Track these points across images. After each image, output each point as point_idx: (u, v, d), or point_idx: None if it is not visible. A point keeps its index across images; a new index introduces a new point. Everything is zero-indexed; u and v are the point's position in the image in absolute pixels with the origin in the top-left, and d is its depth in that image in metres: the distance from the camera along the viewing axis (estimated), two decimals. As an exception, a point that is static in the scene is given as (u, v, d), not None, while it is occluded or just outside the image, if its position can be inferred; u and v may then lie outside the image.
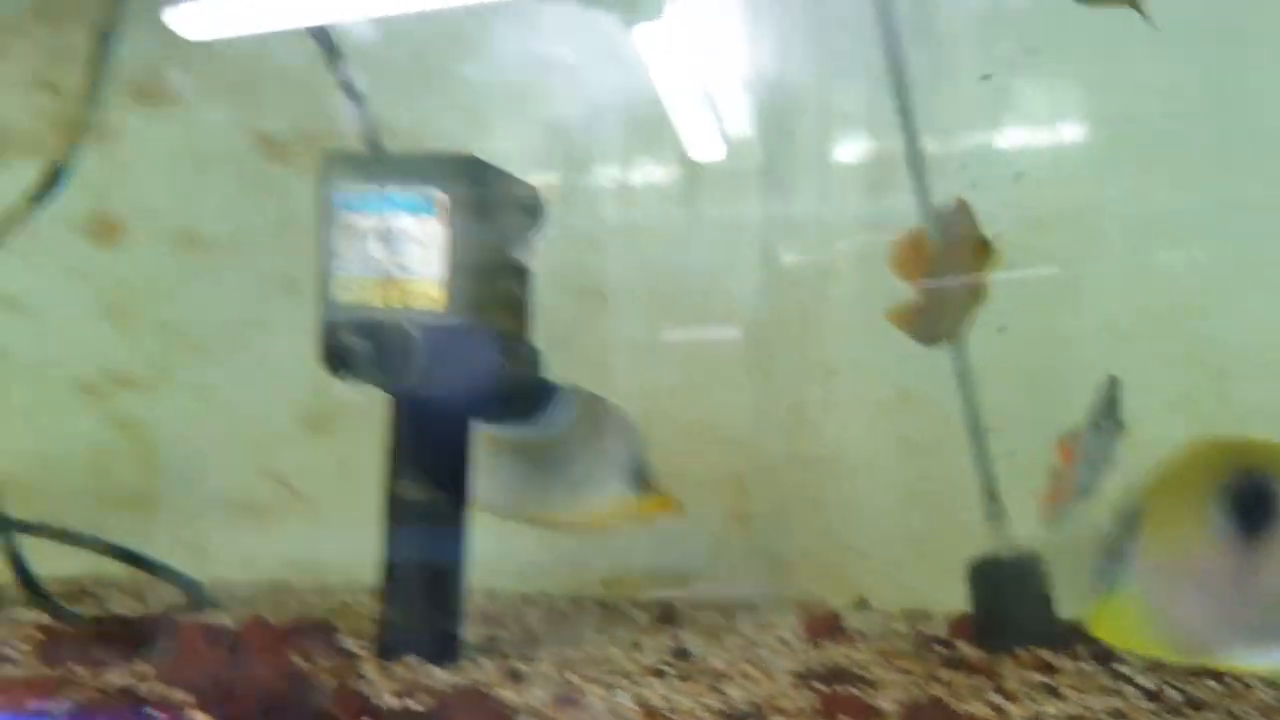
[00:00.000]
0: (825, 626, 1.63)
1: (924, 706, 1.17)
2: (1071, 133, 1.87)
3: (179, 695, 1.14)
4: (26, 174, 1.56)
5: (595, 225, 2.02)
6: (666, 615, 1.76)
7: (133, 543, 1.76)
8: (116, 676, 1.22)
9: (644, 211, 2.01)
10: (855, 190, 1.93)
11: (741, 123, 1.99)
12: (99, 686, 1.17)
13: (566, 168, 2.01)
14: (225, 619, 1.55)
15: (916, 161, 1.60)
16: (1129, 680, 1.32)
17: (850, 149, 1.96)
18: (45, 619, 1.51)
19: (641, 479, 1.55)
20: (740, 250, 1.96)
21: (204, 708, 1.05)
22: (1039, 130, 1.87)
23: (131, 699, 1.09)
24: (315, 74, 1.64)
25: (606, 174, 2.02)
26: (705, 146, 1.98)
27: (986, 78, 1.66)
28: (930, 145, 1.63)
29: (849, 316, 1.89)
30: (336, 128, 1.63)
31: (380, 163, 1.32)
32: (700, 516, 1.94)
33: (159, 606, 1.69)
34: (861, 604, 1.90)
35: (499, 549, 1.49)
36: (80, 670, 1.24)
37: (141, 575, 1.79)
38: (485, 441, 1.46)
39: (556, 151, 2.00)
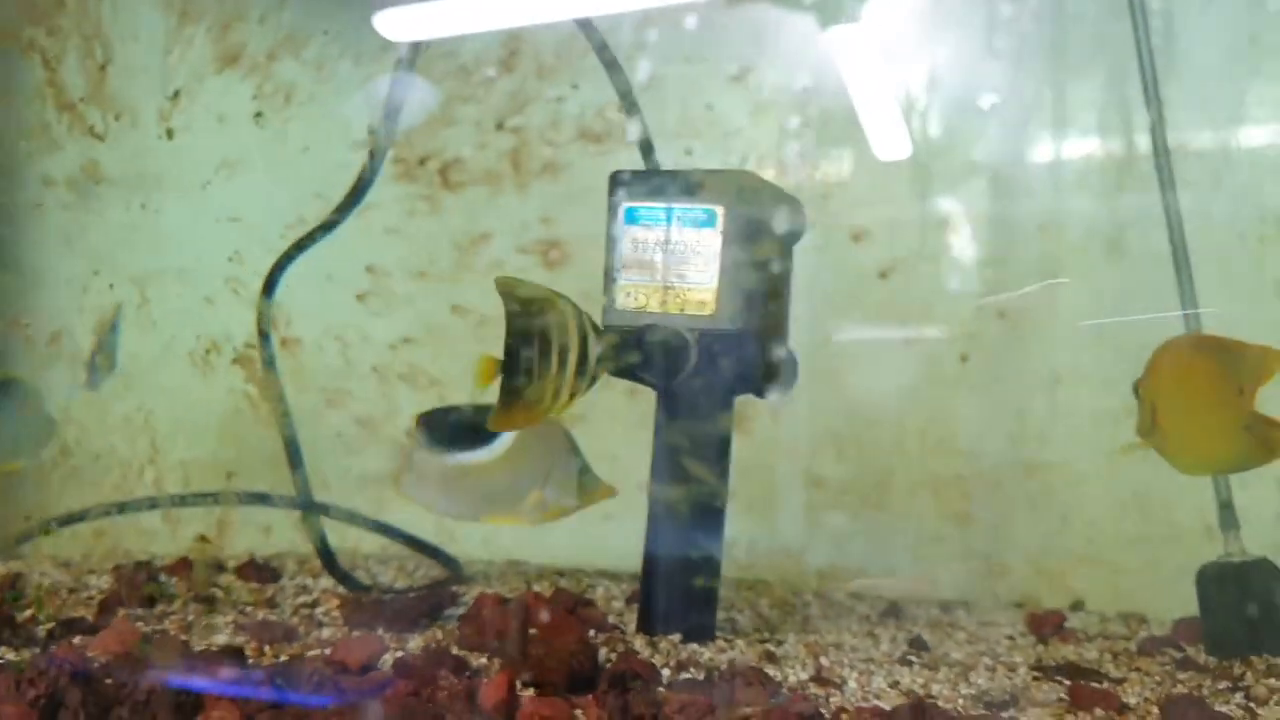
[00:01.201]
0: (1050, 624, 1.68)
1: (1179, 701, 1.21)
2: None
3: (482, 660, 1.27)
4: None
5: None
6: (891, 609, 1.83)
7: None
8: (420, 641, 1.35)
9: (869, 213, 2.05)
10: (1079, 190, 1.96)
11: (954, 121, 2.03)
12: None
13: (767, 167, 2.07)
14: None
15: (1162, 160, 1.62)
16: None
17: (1074, 147, 1.98)
18: (331, 586, 1.67)
19: (578, 484, 1.63)
20: (961, 253, 2.00)
21: (513, 671, 1.16)
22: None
23: (448, 660, 1.21)
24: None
25: (814, 174, 2.07)
26: (903, 146, 2.02)
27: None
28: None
29: (1074, 323, 1.92)
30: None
31: (665, 179, 1.42)
32: (920, 517, 2.02)
33: (425, 580, 1.83)
34: (1077, 606, 1.93)
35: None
36: (384, 635, 1.38)
37: (397, 550, 1.95)
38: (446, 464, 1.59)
39: (755, 151, 2.07)
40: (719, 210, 1.37)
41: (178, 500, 1.94)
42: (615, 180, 1.42)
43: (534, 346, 1.34)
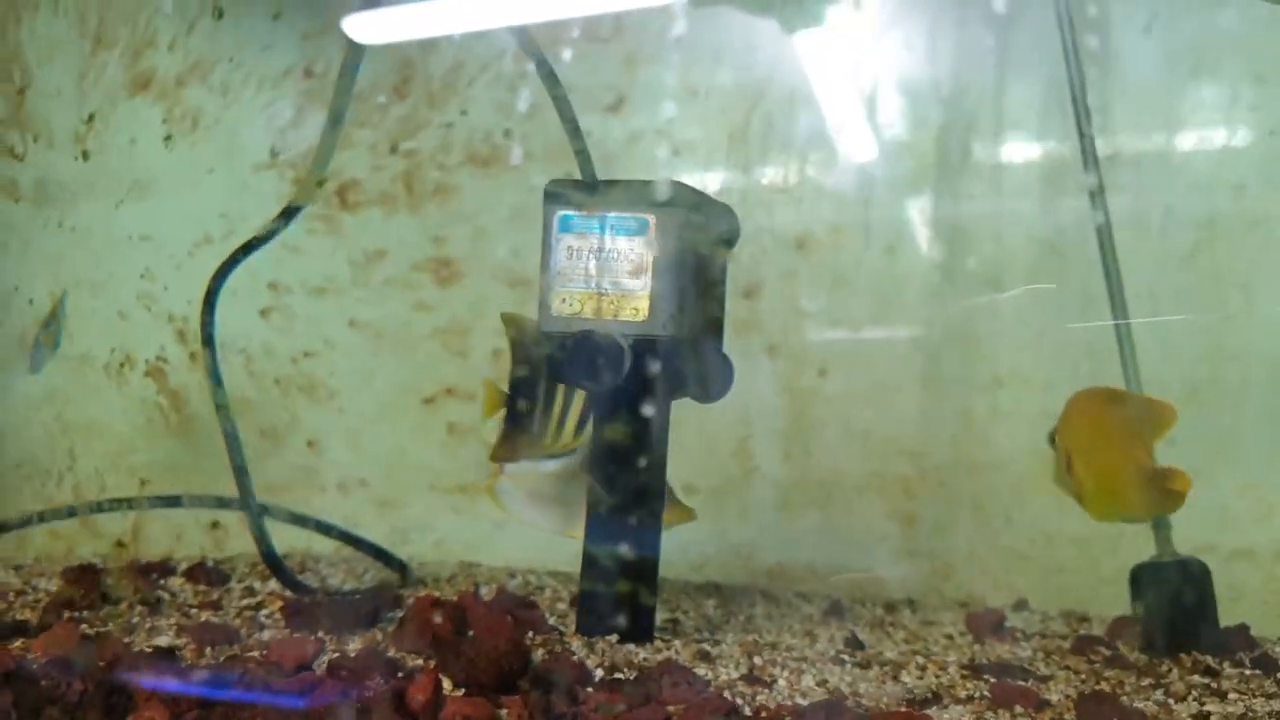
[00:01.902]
0: (989, 624, 1.72)
1: (1092, 699, 1.25)
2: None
3: (417, 661, 1.29)
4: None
5: (762, 229, 2.11)
6: (834, 608, 1.86)
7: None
8: (359, 643, 1.38)
9: (813, 215, 2.09)
10: (1026, 195, 2.00)
11: (909, 126, 2.06)
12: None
13: (736, 170, 2.11)
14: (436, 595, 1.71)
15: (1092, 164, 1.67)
16: (1293, 685, 1.39)
17: (1021, 151, 2.02)
18: (278, 589, 1.69)
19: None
20: (909, 257, 2.04)
21: (445, 672, 1.19)
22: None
23: (381, 663, 1.23)
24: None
25: (774, 176, 2.11)
26: (870, 150, 2.06)
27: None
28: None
29: (1017, 327, 1.96)
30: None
31: (598, 190, 1.45)
32: (866, 516, 2.05)
33: (372, 582, 1.86)
34: (1020, 604, 1.97)
35: (671, 541, 1.60)
36: (324, 637, 1.41)
37: (346, 552, 1.98)
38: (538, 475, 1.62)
39: (724, 155, 2.11)
40: (651, 219, 1.40)
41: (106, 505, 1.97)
42: (550, 190, 1.45)
43: (538, 380, 1.37)
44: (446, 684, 1.17)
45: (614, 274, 1.41)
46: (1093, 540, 1.92)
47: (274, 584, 1.72)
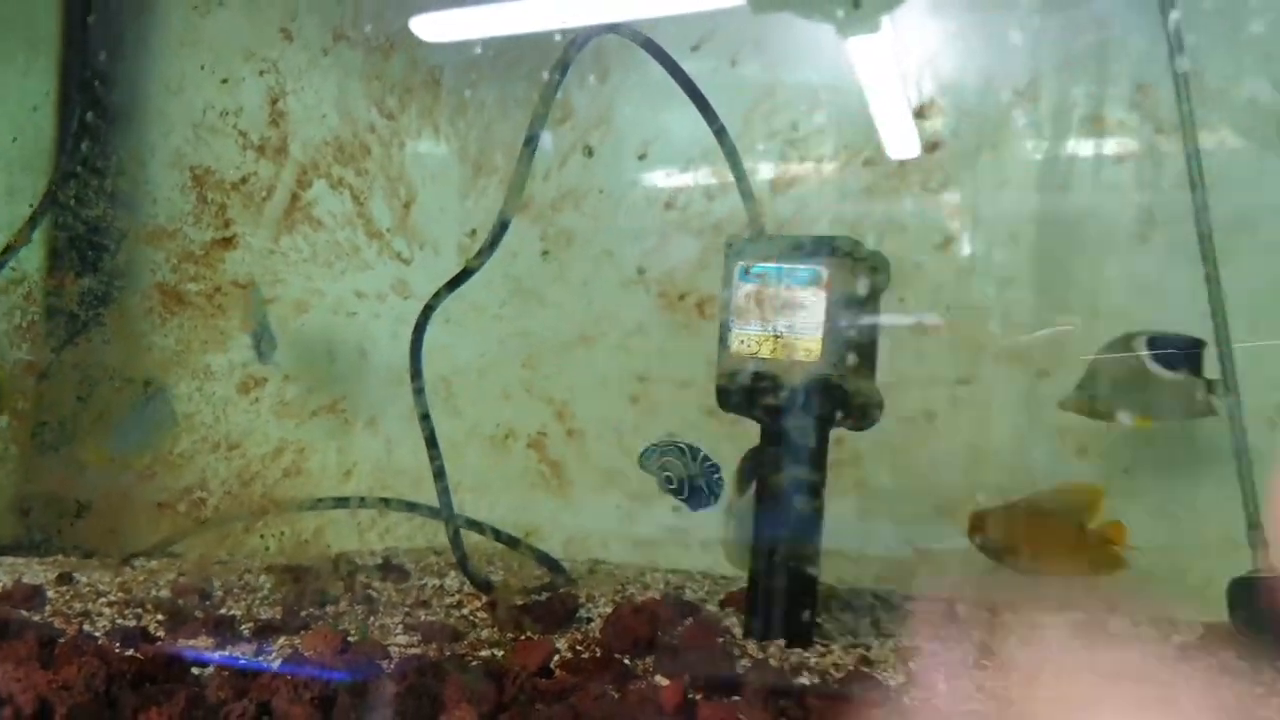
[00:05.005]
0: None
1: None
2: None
3: (626, 661, 1.47)
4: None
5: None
6: (950, 613, 2.01)
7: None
8: (564, 641, 1.55)
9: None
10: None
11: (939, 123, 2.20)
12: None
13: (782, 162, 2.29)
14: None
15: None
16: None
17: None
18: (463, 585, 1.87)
19: None
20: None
21: (661, 672, 1.36)
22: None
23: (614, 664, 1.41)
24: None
25: (817, 170, 2.28)
26: (908, 145, 2.20)
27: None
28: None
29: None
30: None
31: (776, 243, 1.63)
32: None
33: (532, 580, 2.03)
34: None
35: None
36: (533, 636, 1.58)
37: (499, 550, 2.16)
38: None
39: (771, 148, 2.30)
40: (824, 271, 1.58)
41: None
42: (731, 244, 1.63)
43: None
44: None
45: (789, 319, 1.59)
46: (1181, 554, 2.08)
47: (451, 580, 1.90)
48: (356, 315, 2.60)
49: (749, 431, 1.72)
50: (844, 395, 1.63)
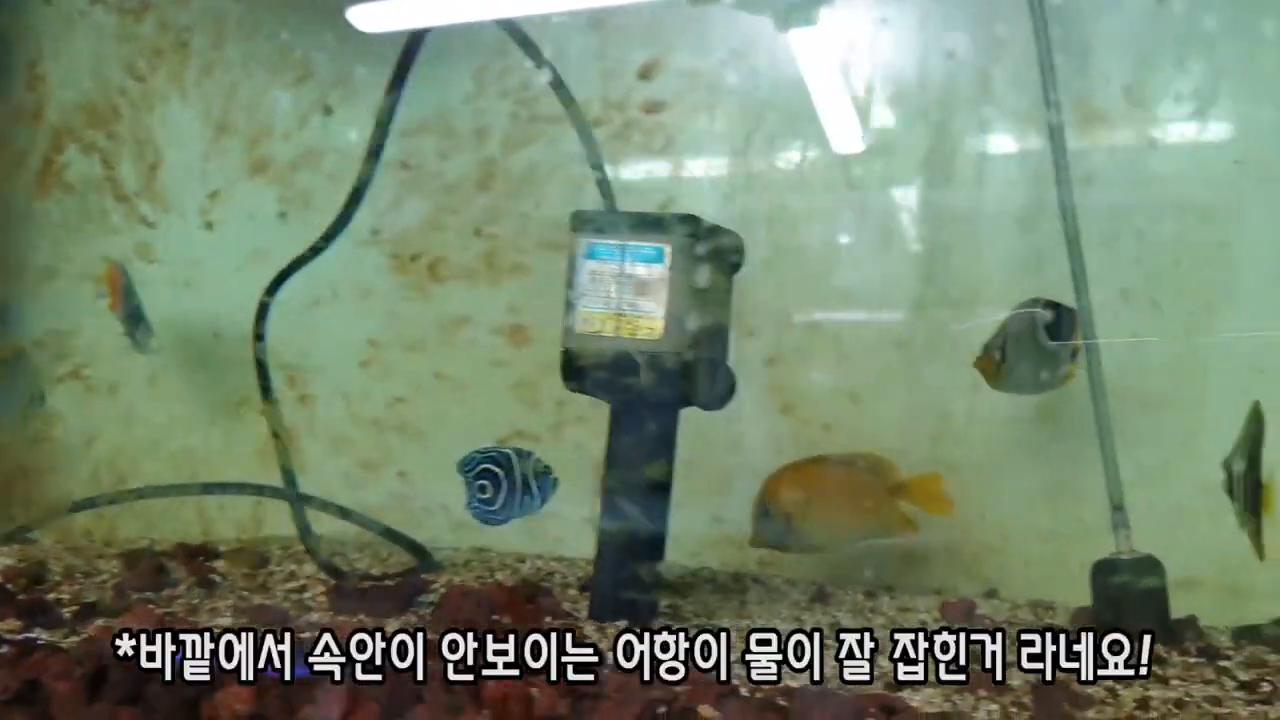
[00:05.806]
0: (960, 612, 1.88)
1: (1049, 686, 1.41)
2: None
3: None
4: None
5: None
6: (819, 594, 2.01)
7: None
8: (395, 624, 1.53)
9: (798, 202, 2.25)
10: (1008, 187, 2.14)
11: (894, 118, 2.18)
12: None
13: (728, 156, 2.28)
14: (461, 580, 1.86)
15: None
16: (1230, 674, 1.55)
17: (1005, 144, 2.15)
18: (315, 573, 1.85)
19: None
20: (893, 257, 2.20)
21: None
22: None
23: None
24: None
25: (762, 166, 2.26)
26: (854, 140, 2.17)
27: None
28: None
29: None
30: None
31: (620, 219, 1.61)
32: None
33: (396, 567, 2.02)
34: (990, 594, 2.13)
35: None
36: (365, 619, 1.56)
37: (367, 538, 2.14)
38: None
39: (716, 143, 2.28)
40: (668, 247, 1.56)
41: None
42: (576, 218, 1.61)
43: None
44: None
45: (631, 297, 1.57)
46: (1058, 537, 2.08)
47: (310, 567, 1.88)
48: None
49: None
50: (690, 375, 1.62)
